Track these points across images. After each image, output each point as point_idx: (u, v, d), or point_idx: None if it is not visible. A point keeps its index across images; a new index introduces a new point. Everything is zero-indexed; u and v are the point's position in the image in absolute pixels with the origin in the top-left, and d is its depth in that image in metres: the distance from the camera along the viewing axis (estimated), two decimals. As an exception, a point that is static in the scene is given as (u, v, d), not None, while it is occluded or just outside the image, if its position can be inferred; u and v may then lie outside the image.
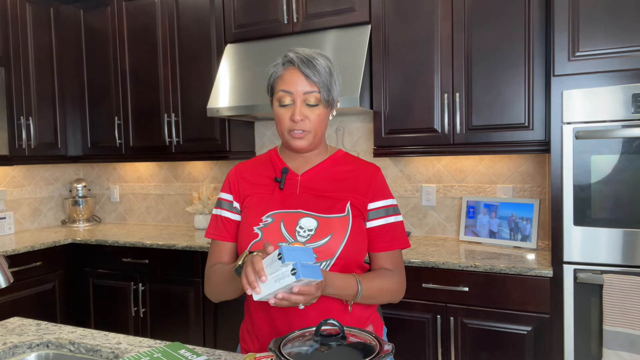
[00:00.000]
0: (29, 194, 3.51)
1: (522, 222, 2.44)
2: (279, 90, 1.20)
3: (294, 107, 1.18)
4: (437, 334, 2.20)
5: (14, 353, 1.26)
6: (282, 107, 1.20)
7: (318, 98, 1.19)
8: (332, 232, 1.17)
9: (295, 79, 1.18)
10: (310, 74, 1.17)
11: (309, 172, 1.27)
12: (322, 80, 1.18)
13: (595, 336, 1.95)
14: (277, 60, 1.23)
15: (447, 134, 2.41)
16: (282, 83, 1.19)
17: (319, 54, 1.21)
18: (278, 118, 1.21)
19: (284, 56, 1.21)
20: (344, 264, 1.17)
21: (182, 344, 1.25)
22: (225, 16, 2.89)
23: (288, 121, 1.20)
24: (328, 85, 1.20)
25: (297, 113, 1.17)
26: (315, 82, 1.17)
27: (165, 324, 2.87)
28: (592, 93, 1.93)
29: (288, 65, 1.19)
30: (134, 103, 3.22)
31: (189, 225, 3.50)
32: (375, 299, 1.21)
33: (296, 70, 1.18)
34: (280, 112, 1.21)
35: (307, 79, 1.17)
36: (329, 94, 1.20)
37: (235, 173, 1.32)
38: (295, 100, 1.18)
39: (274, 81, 1.23)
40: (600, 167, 1.92)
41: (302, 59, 1.17)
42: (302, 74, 1.17)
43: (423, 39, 2.43)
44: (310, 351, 0.89)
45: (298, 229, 1.17)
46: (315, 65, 1.17)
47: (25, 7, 3.13)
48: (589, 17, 1.94)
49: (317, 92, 1.18)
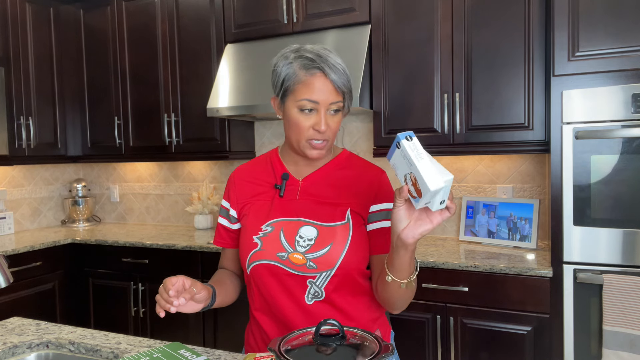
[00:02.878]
0: (29, 194, 3.51)
1: (521, 222, 2.44)
2: (302, 98, 1.09)
3: (317, 116, 1.10)
4: (437, 334, 2.20)
5: (13, 353, 1.26)
6: (302, 113, 1.11)
7: (341, 106, 1.13)
8: (332, 241, 1.13)
9: (323, 87, 1.09)
10: (338, 81, 1.09)
11: (310, 177, 1.22)
12: (347, 85, 1.12)
13: (595, 336, 1.95)
14: (288, 56, 1.12)
15: (447, 134, 2.41)
16: (306, 90, 1.09)
17: (334, 53, 1.13)
18: (297, 124, 1.12)
19: (302, 57, 1.10)
20: (345, 273, 1.14)
21: (182, 344, 1.25)
22: (225, 16, 2.90)
23: (309, 130, 1.12)
24: (351, 89, 1.14)
25: (323, 123, 1.10)
26: (343, 91, 1.11)
27: (165, 324, 2.87)
28: (592, 93, 1.93)
29: (315, 72, 1.09)
30: (134, 103, 3.22)
31: (189, 225, 3.50)
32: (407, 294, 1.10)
33: (324, 78, 1.09)
34: (300, 119, 1.11)
35: (335, 88, 1.10)
36: (350, 101, 1.15)
37: (235, 179, 1.29)
38: (320, 109, 1.10)
39: (293, 85, 1.11)
40: (600, 167, 1.92)
41: (329, 65, 1.09)
42: (331, 83, 1.09)
43: (423, 39, 2.43)
44: (310, 351, 0.89)
45: (298, 238, 1.14)
46: (339, 68, 1.10)
47: (25, 7, 3.13)
48: (588, 17, 1.94)
49: (342, 101, 1.12)
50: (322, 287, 1.14)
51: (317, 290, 1.14)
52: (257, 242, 1.17)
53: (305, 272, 1.13)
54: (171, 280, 1.03)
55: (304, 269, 1.13)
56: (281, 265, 1.14)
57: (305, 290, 1.14)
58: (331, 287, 1.14)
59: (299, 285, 1.14)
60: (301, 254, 1.13)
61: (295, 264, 1.13)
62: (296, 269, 1.13)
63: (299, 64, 1.10)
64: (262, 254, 1.15)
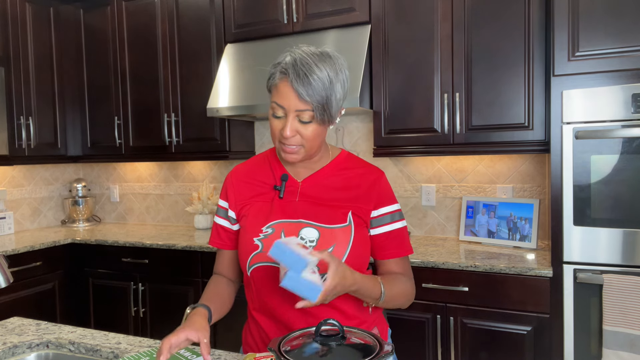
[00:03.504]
0: (29, 193, 3.51)
1: (521, 222, 2.44)
2: (272, 101, 1.10)
3: (285, 121, 1.09)
4: (437, 334, 2.20)
5: (13, 353, 1.26)
6: (274, 117, 1.11)
7: (312, 116, 1.08)
8: (335, 243, 1.13)
9: (287, 93, 1.06)
10: (303, 92, 1.04)
11: (309, 179, 1.21)
12: (316, 99, 1.05)
13: (595, 336, 1.95)
14: (279, 59, 1.12)
15: (447, 134, 2.41)
16: (276, 94, 1.09)
17: (320, 61, 1.07)
18: (270, 127, 1.14)
19: (283, 61, 1.09)
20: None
21: (182, 344, 1.24)
22: (225, 16, 2.89)
23: (279, 133, 1.11)
24: (324, 103, 1.07)
25: (287, 129, 1.08)
26: (308, 102, 1.06)
27: (165, 324, 2.87)
28: (592, 93, 1.93)
29: (282, 77, 1.07)
30: (134, 103, 3.22)
31: (189, 225, 3.50)
32: (393, 302, 1.18)
33: (288, 85, 1.06)
34: (272, 123, 1.12)
35: (298, 97, 1.05)
36: (324, 113, 1.08)
37: (232, 179, 1.27)
38: (288, 114, 1.08)
39: (271, 87, 1.12)
40: (600, 167, 1.92)
41: (298, 73, 1.05)
42: (294, 91, 1.05)
43: (423, 39, 2.43)
44: (310, 351, 0.89)
45: (299, 240, 1.13)
46: (311, 81, 1.04)
47: (25, 7, 3.13)
48: (588, 17, 1.94)
49: (311, 111, 1.07)
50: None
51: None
52: (258, 244, 1.16)
53: None
54: (169, 341, 1.02)
55: None
56: None
57: None
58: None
59: None
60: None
61: None
62: None
63: (280, 67, 1.09)
64: (263, 256, 1.15)
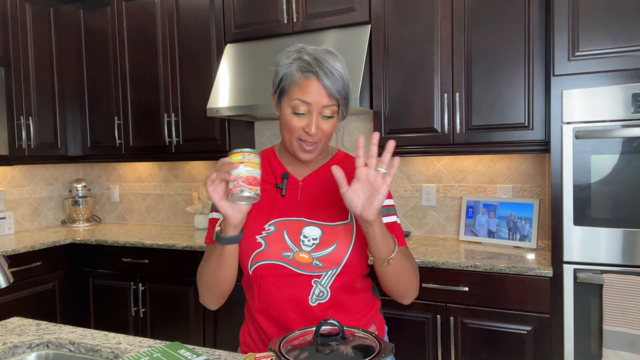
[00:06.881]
0: (29, 194, 3.51)
1: (521, 221, 2.44)
2: (295, 99, 1.11)
3: (309, 118, 1.11)
4: (437, 334, 2.20)
5: (14, 353, 1.26)
6: (295, 114, 1.12)
7: (335, 110, 1.13)
8: (337, 240, 1.15)
9: (315, 90, 1.10)
10: (332, 88, 1.10)
11: (310, 177, 1.23)
12: (342, 92, 1.12)
13: (595, 336, 1.95)
14: (290, 56, 1.14)
15: (447, 134, 2.41)
16: (299, 92, 1.10)
17: (334, 57, 1.12)
18: (289, 125, 1.13)
19: (301, 59, 1.11)
20: (350, 271, 1.16)
21: (182, 344, 1.24)
22: (225, 16, 2.89)
23: (300, 131, 1.13)
24: (346, 96, 1.13)
25: (313, 126, 1.11)
26: (335, 97, 1.11)
27: (165, 324, 2.87)
28: (592, 93, 1.93)
29: (309, 75, 1.10)
30: (134, 103, 3.22)
31: (189, 225, 3.50)
32: (400, 274, 1.14)
33: (317, 82, 1.09)
34: (292, 120, 1.13)
35: (327, 93, 1.10)
36: (345, 107, 1.15)
37: None
38: (312, 111, 1.11)
39: (289, 86, 1.12)
40: (600, 167, 1.92)
41: (324, 70, 1.09)
42: (324, 87, 1.10)
43: (423, 39, 2.43)
44: (310, 351, 0.89)
45: (302, 238, 1.15)
46: (336, 75, 1.10)
47: (25, 7, 3.13)
48: (588, 17, 1.94)
49: (336, 106, 1.12)
50: (328, 286, 1.15)
51: (322, 290, 1.15)
52: (260, 241, 1.16)
53: (311, 271, 1.13)
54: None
55: (310, 267, 1.13)
56: (286, 265, 1.14)
57: (309, 290, 1.15)
58: (336, 285, 1.15)
59: (304, 285, 1.14)
60: (307, 253, 1.14)
61: (301, 263, 1.13)
62: (302, 268, 1.13)
63: (296, 65, 1.11)
64: (266, 254, 1.15)
